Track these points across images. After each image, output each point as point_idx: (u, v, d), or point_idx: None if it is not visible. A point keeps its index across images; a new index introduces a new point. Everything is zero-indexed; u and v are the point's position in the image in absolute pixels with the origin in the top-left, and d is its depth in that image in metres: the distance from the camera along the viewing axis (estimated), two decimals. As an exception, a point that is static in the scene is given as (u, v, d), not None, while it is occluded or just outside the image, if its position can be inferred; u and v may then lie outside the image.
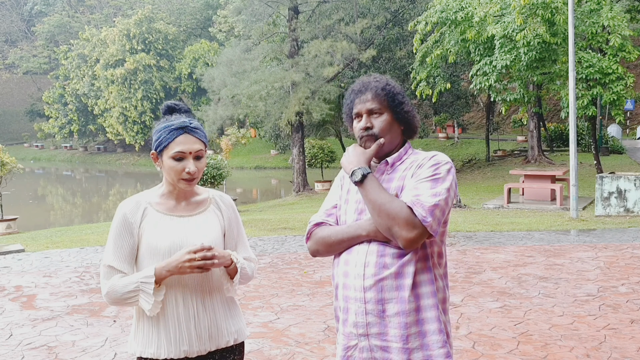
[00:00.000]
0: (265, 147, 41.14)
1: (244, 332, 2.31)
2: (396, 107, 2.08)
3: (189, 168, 2.13)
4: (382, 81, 2.11)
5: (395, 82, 2.15)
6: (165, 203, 2.22)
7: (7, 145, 23.04)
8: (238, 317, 2.31)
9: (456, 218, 12.28)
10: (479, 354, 4.37)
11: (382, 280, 1.95)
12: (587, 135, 25.91)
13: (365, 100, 2.08)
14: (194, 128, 2.16)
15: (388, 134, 2.07)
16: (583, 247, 8.48)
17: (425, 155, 2.05)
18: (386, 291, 1.95)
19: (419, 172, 2.00)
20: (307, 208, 17.52)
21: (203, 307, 2.18)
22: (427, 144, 36.22)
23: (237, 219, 2.36)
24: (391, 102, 2.08)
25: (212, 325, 2.19)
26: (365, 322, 1.97)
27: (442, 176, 1.97)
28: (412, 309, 1.95)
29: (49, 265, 8.25)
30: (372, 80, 2.13)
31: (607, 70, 14.31)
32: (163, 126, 2.16)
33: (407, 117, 2.10)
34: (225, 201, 2.33)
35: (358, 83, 2.16)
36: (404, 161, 2.09)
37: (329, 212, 2.17)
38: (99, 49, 49.48)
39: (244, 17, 25.22)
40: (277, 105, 22.87)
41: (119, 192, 33.11)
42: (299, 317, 5.46)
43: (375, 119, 2.07)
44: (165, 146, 2.14)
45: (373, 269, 1.96)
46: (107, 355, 4.60)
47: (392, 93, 2.08)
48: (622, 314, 5.29)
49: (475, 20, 15.22)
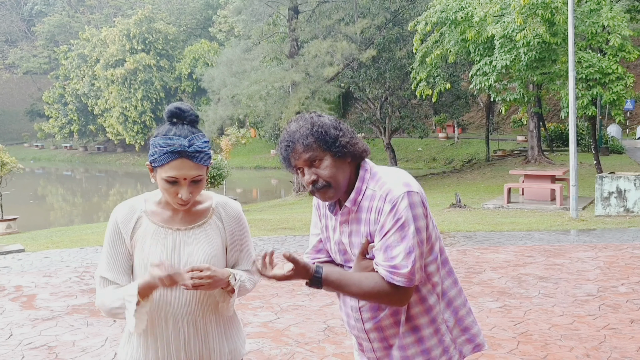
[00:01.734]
0: (265, 147, 41.13)
1: (240, 352, 2.18)
2: (331, 146, 1.91)
3: (182, 194, 1.94)
4: (306, 126, 1.92)
5: (321, 118, 1.96)
6: (161, 213, 2.05)
7: (7, 145, 23.00)
8: (235, 336, 2.16)
9: (456, 218, 12.28)
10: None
11: (380, 322, 2.03)
12: (587, 135, 25.92)
13: (299, 153, 1.92)
14: (194, 152, 1.91)
15: (338, 175, 1.93)
16: (583, 247, 8.48)
17: (380, 194, 1.90)
18: (386, 329, 2.04)
19: (381, 222, 1.88)
20: (307, 208, 17.51)
21: (194, 328, 2.03)
22: (427, 144, 36.22)
23: (242, 230, 2.16)
24: (325, 145, 1.91)
25: (204, 348, 2.05)
26: (375, 357, 2.11)
27: (404, 219, 1.85)
28: (411, 342, 2.04)
29: (49, 265, 8.25)
30: (296, 129, 1.94)
31: (607, 70, 14.33)
32: (160, 143, 1.93)
33: (347, 149, 1.93)
34: (228, 211, 2.12)
35: (284, 136, 1.97)
36: (365, 193, 1.96)
37: (317, 248, 2.17)
38: (99, 49, 49.52)
39: (244, 17, 25.24)
40: (277, 105, 22.90)
41: (119, 192, 33.12)
42: (299, 317, 5.46)
43: (318, 167, 1.92)
44: (159, 166, 1.94)
45: (368, 313, 2.04)
46: (107, 355, 4.60)
47: (321, 134, 1.90)
48: (622, 313, 5.30)
49: (475, 20, 15.23)
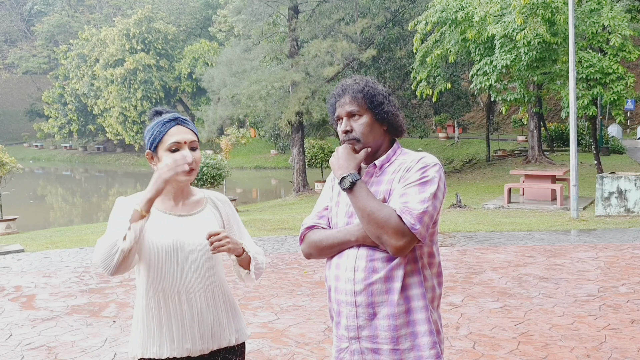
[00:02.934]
0: (265, 147, 41.13)
1: (245, 332, 2.31)
2: (375, 108, 2.05)
3: (187, 157, 2.11)
4: (361, 83, 2.09)
5: (376, 83, 2.13)
6: (164, 202, 2.21)
7: (7, 145, 23.01)
8: (239, 317, 2.31)
9: (456, 218, 12.27)
10: (479, 354, 4.36)
11: (372, 285, 1.97)
12: (587, 135, 25.91)
13: (344, 104, 2.07)
14: (185, 120, 2.20)
15: (370, 136, 2.06)
16: (583, 247, 8.47)
17: (413, 158, 2.03)
18: (376, 295, 1.97)
19: (407, 176, 1.98)
20: (307, 208, 17.50)
21: (206, 304, 2.17)
22: (427, 144, 36.20)
23: (235, 214, 2.37)
24: (370, 104, 2.05)
25: (215, 324, 2.18)
26: (357, 325, 2.00)
27: (429, 179, 1.95)
28: (401, 311, 1.97)
29: (48, 266, 8.24)
30: (351, 82, 2.11)
31: (608, 70, 14.31)
32: (154, 123, 2.19)
33: (388, 117, 2.07)
34: (219, 198, 2.35)
35: (338, 86, 2.14)
36: (393, 163, 2.07)
37: (320, 214, 2.18)
38: (99, 49, 49.45)
39: (243, 16, 25.20)
40: (277, 105, 22.88)
41: (118, 192, 33.10)
42: (299, 317, 5.45)
43: (355, 121, 2.06)
44: (160, 140, 2.15)
45: (363, 273, 1.98)
46: (107, 356, 4.59)
47: (371, 94, 2.06)
48: (623, 314, 5.29)
49: (475, 20, 15.22)
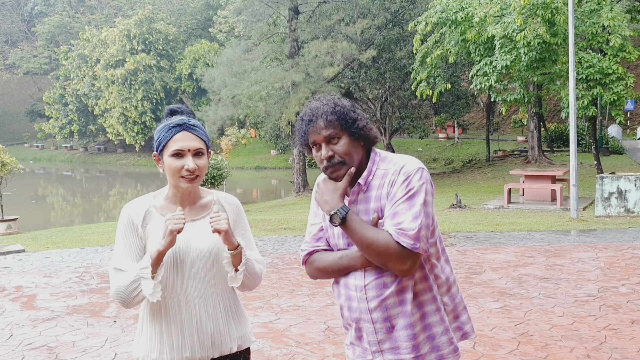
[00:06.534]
0: (265, 147, 41.15)
1: (249, 339, 2.29)
2: (350, 126, 2.02)
3: (188, 165, 2.09)
4: (330, 104, 2.05)
5: (342, 99, 2.09)
6: (169, 207, 2.19)
7: (8, 145, 23.04)
8: (243, 323, 2.28)
9: (456, 218, 12.28)
10: (479, 354, 4.37)
11: (385, 300, 2.00)
12: (587, 136, 25.91)
13: (319, 129, 2.02)
14: (193, 125, 2.15)
15: (353, 155, 2.03)
16: (583, 248, 8.47)
17: (395, 168, 2.01)
18: (390, 309, 2.01)
19: (393, 192, 1.97)
20: (307, 208, 17.41)
21: (206, 312, 2.15)
22: (427, 144, 36.20)
23: (243, 220, 2.31)
24: (345, 124, 2.02)
25: (215, 332, 2.17)
26: (377, 340, 2.04)
27: (415, 191, 1.94)
28: (417, 319, 2.01)
29: (49, 266, 8.25)
30: (320, 105, 2.06)
31: (608, 70, 14.32)
32: (162, 126, 2.16)
33: (364, 133, 2.05)
34: (229, 201, 2.30)
35: (306, 111, 2.08)
36: (375, 174, 2.04)
37: (316, 236, 2.16)
38: (100, 50, 49.48)
39: (244, 17, 25.24)
40: (277, 106, 22.89)
41: (119, 193, 33.12)
42: (299, 317, 5.46)
43: (335, 145, 2.02)
44: (165, 145, 2.13)
45: (374, 291, 2.00)
46: (108, 356, 4.60)
47: (343, 113, 2.02)
48: (623, 314, 5.29)
49: (475, 21, 15.22)
